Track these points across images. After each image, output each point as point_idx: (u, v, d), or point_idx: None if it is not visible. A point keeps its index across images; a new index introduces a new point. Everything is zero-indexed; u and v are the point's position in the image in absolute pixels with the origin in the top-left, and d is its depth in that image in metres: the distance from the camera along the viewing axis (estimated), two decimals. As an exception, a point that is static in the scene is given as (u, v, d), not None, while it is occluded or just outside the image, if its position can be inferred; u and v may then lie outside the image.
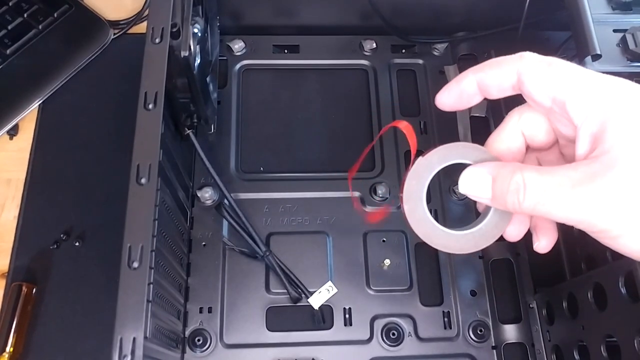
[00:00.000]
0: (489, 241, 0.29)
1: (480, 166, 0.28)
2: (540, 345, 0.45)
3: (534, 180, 0.25)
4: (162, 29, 0.35)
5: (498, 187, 0.27)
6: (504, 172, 0.27)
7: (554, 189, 0.25)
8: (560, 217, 0.25)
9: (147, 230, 0.31)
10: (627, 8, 0.42)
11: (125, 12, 0.57)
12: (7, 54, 0.53)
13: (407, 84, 0.56)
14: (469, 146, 0.29)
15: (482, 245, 0.29)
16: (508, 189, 0.26)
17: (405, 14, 0.54)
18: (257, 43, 0.56)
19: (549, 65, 0.27)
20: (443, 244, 0.29)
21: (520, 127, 0.30)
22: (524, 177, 0.26)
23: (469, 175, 0.28)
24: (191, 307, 0.45)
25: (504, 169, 0.27)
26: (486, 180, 0.27)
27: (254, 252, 0.46)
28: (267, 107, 0.54)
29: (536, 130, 0.29)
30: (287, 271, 0.46)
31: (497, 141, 0.30)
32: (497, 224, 0.29)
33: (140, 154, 0.32)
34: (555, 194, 0.25)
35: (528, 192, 0.25)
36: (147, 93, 0.34)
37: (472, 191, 0.28)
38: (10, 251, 0.47)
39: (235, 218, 0.46)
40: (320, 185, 0.50)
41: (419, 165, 0.29)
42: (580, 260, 0.45)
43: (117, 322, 0.29)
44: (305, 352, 0.44)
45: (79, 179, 0.50)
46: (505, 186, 0.26)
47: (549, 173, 0.25)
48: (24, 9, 0.55)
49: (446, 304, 0.46)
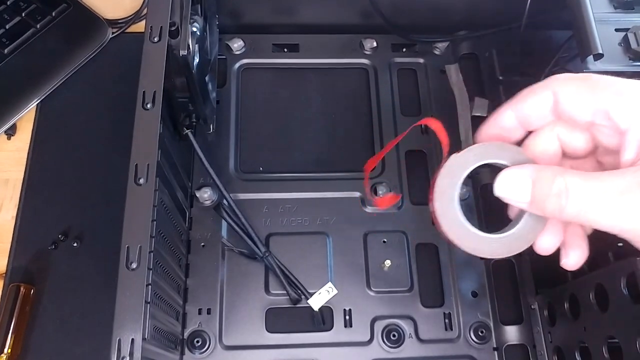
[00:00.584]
0: (522, 247, 0.28)
1: (519, 168, 0.27)
2: (541, 346, 0.45)
3: (578, 185, 0.24)
4: (161, 28, 0.35)
5: (538, 191, 0.26)
6: (545, 175, 0.26)
7: (599, 196, 0.24)
8: (605, 225, 0.24)
9: (145, 231, 0.31)
10: (629, 7, 0.42)
11: (124, 11, 0.57)
12: (5, 53, 0.52)
13: (408, 83, 0.55)
14: (506, 146, 0.28)
15: (515, 250, 0.29)
16: (549, 193, 0.25)
17: (406, 12, 0.54)
18: (257, 42, 0.55)
19: (584, 80, 0.27)
20: (474, 247, 0.28)
21: (557, 132, 0.29)
22: (567, 181, 0.25)
23: (508, 177, 0.27)
24: (190, 309, 0.44)
25: (546, 172, 0.26)
26: (526, 183, 0.26)
27: (253, 253, 0.46)
28: (266, 107, 0.53)
29: (574, 137, 0.28)
30: (286, 272, 0.45)
31: (533, 144, 0.29)
32: (532, 229, 0.28)
33: (138, 154, 0.32)
34: (601, 201, 0.24)
35: (571, 198, 0.24)
36: (145, 92, 0.33)
37: (509, 194, 0.27)
38: (8, 252, 0.46)
39: (234, 218, 0.46)
40: (320, 185, 0.50)
41: (452, 163, 0.28)
42: (582, 261, 0.45)
43: (116, 323, 0.29)
44: (305, 354, 0.44)
45: (77, 179, 0.49)
46: (547, 190, 0.25)
47: (595, 179, 0.24)
48: (22, 7, 0.54)
49: (447, 305, 0.46)
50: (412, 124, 0.41)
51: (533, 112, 0.28)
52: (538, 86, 0.28)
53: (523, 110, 0.28)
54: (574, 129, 0.28)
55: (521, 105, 0.28)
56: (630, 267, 0.33)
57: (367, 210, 0.49)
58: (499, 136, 0.30)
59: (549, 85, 0.27)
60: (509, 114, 0.29)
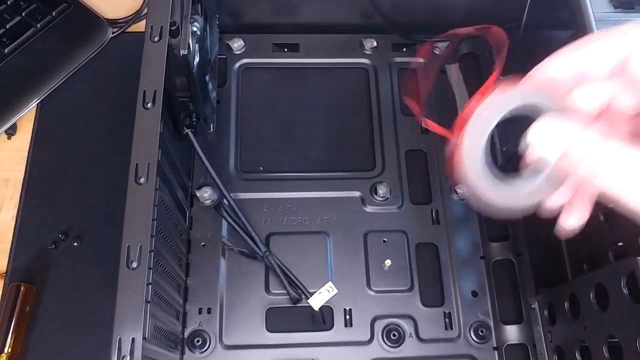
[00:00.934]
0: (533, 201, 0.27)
1: (561, 120, 0.24)
2: (541, 346, 0.45)
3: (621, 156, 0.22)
4: (161, 28, 0.35)
5: (575, 151, 0.23)
6: (588, 136, 0.23)
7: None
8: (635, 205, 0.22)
9: (145, 230, 0.31)
10: (629, 7, 0.42)
11: (124, 11, 0.57)
12: (6, 53, 0.52)
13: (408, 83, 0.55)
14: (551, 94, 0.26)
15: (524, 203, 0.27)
16: (587, 157, 0.23)
17: (406, 12, 0.54)
18: (257, 41, 0.55)
19: None
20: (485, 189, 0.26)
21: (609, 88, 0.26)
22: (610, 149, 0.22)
23: (548, 126, 0.24)
24: (190, 308, 0.45)
25: (589, 133, 0.23)
26: (563, 138, 0.24)
27: (253, 252, 0.46)
28: (266, 106, 0.53)
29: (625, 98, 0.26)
30: (287, 271, 0.45)
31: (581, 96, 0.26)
32: (548, 185, 0.26)
33: (138, 153, 0.32)
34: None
35: (608, 168, 0.22)
36: (145, 92, 0.33)
37: (543, 144, 0.24)
38: (9, 251, 0.46)
39: (234, 218, 0.46)
40: (320, 184, 0.50)
41: (498, 95, 0.26)
42: (582, 260, 0.45)
43: (116, 323, 0.29)
44: (305, 354, 0.44)
45: (78, 178, 0.49)
46: (583, 153, 0.23)
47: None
48: (23, 7, 0.54)
49: (447, 305, 0.46)
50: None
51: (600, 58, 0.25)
52: (614, 33, 0.25)
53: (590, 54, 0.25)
54: (629, 89, 0.26)
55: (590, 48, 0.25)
56: (631, 267, 0.33)
57: (368, 210, 0.49)
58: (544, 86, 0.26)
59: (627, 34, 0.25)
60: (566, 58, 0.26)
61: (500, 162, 0.52)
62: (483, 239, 0.49)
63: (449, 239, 0.48)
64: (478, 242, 0.48)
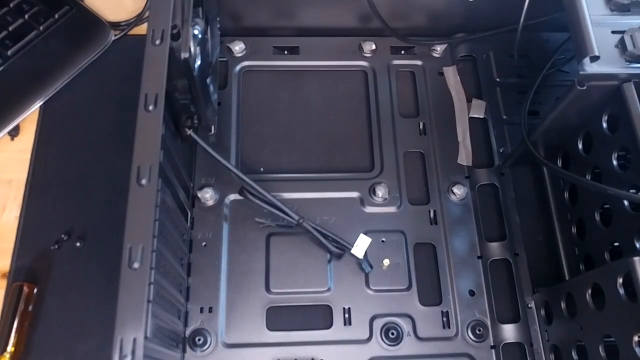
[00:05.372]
0: None
1: None
2: (538, 345, 0.45)
3: None
4: (163, 31, 0.35)
5: None
6: None
7: None
8: None
9: (147, 231, 0.31)
10: (625, 9, 0.42)
11: (126, 14, 0.57)
12: (8, 55, 0.53)
13: (406, 85, 0.56)
14: None
15: None
16: None
17: (404, 15, 0.54)
18: (257, 44, 0.56)
19: None
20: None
21: None
22: None
23: None
24: (192, 307, 0.45)
25: None
26: None
27: (289, 223, 0.46)
28: (267, 108, 0.54)
29: None
30: (325, 232, 0.47)
31: None
32: None
33: (140, 155, 0.33)
34: None
35: None
36: (147, 94, 0.34)
37: None
38: (12, 251, 0.47)
39: (260, 197, 0.47)
40: (320, 185, 0.50)
41: None
42: (579, 260, 0.45)
43: (118, 323, 0.29)
44: (305, 352, 0.44)
45: (80, 179, 0.50)
46: None
47: None
48: (25, 10, 0.55)
49: (445, 304, 0.47)
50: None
51: None
52: None
53: None
54: None
55: None
56: (627, 267, 0.33)
57: (366, 211, 0.50)
58: None
59: None
60: None
61: (498, 163, 0.52)
62: (480, 239, 0.49)
63: (447, 239, 0.49)
64: (475, 242, 0.49)
